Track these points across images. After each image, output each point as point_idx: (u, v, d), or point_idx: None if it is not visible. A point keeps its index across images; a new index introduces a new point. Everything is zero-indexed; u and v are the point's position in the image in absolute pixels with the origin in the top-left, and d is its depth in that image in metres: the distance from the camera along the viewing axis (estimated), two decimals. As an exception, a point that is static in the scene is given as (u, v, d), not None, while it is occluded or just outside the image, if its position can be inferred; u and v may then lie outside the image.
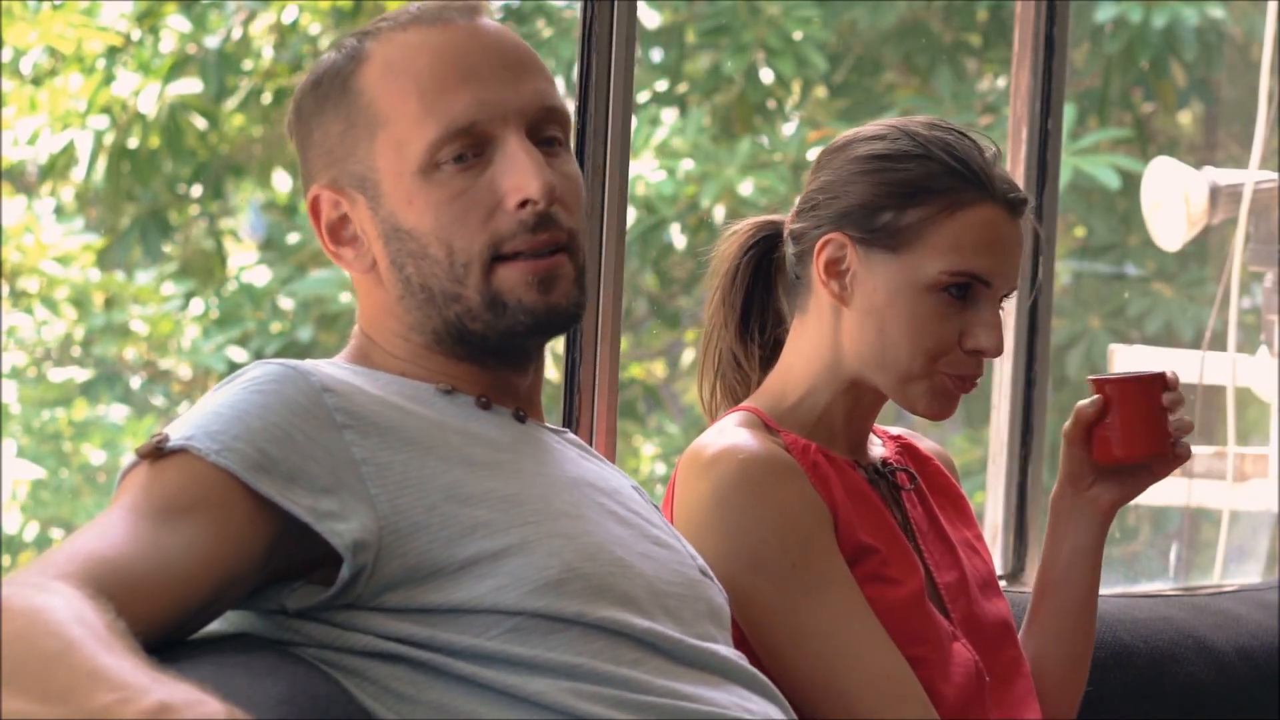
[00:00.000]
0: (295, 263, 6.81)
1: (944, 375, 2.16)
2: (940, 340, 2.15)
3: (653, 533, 1.85)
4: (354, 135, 1.81)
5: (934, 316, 2.14)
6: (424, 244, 1.79)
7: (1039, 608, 2.33)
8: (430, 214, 1.79)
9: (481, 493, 1.73)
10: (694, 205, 6.46)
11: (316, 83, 1.84)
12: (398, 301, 1.82)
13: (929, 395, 2.16)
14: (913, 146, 2.16)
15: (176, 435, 1.67)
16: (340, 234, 1.84)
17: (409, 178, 1.79)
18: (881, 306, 2.15)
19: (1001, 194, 2.16)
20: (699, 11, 6.88)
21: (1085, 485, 2.29)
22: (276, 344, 6.47)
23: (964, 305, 2.15)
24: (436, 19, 1.82)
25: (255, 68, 6.66)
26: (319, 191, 1.83)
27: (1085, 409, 2.26)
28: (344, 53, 1.84)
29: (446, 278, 1.80)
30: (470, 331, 1.81)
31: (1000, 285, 2.17)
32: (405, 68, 1.80)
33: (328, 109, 1.83)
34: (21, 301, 6.36)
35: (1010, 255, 2.17)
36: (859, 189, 2.16)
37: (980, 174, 2.15)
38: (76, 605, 1.45)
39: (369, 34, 1.84)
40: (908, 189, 2.15)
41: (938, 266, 2.14)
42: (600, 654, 1.70)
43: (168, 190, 6.66)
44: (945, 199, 2.14)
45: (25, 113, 6.24)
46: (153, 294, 6.56)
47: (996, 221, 2.16)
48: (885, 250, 2.15)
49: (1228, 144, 7.04)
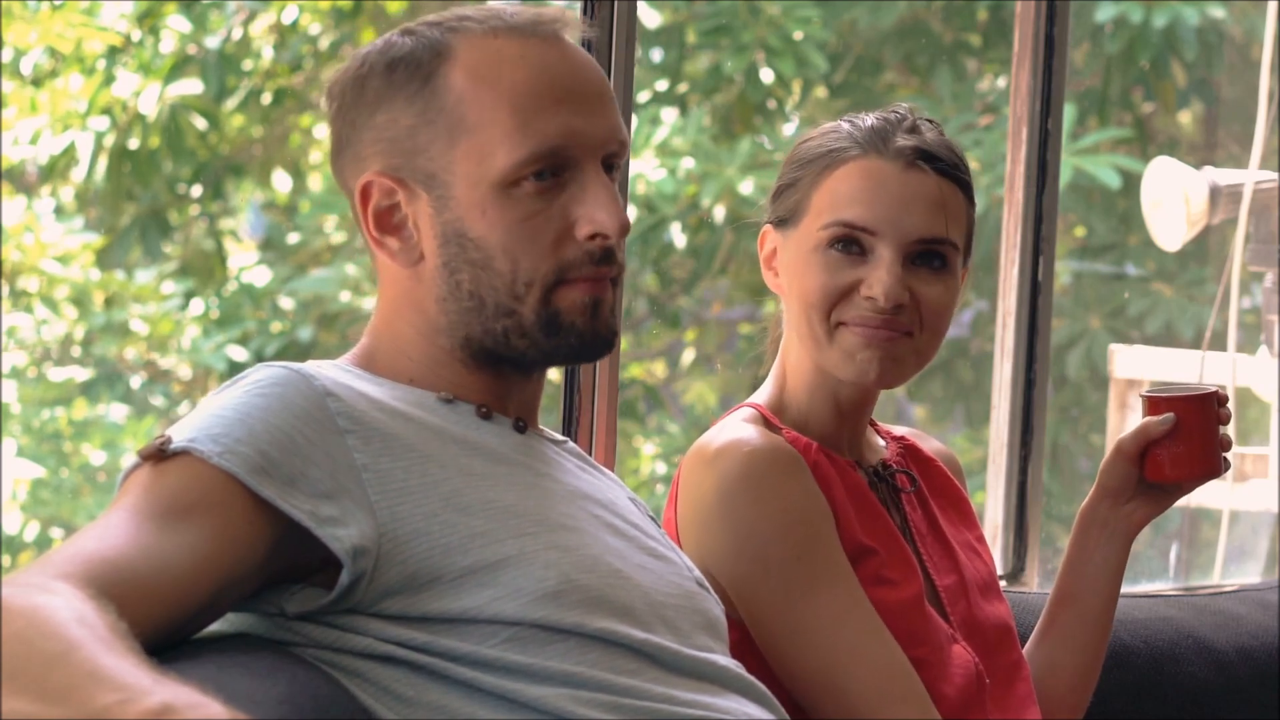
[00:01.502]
0: (295, 263, 6.81)
1: (846, 328, 2.13)
2: (826, 293, 2.12)
3: (649, 544, 1.85)
4: (430, 132, 1.78)
5: (821, 272, 2.13)
6: (488, 255, 1.77)
7: (1056, 617, 2.32)
8: (501, 228, 1.77)
9: (480, 502, 1.73)
10: (694, 205, 6.46)
11: (391, 66, 1.79)
12: (436, 302, 1.80)
13: (840, 353, 2.13)
14: (828, 127, 2.19)
15: (179, 437, 1.67)
16: (387, 222, 1.80)
17: (486, 188, 1.77)
18: (790, 279, 2.16)
19: (891, 147, 2.14)
20: (699, 11, 6.88)
21: (1124, 500, 2.28)
22: (277, 344, 6.47)
23: (859, 259, 2.13)
24: (530, 32, 1.79)
25: (255, 68, 6.66)
26: (373, 178, 1.79)
27: (1156, 427, 2.24)
28: (424, 43, 1.79)
29: (505, 292, 1.78)
30: (511, 346, 1.80)
31: (890, 234, 2.12)
32: (499, 78, 1.77)
33: (399, 97, 1.78)
34: (21, 301, 6.36)
35: (902, 204, 2.12)
36: (779, 176, 2.20)
37: (868, 134, 2.15)
38: (78, 606, 1.45)
39: (452, 29, 1.80)
40: (802, 160, 2.17)
41: (816, 224, 2.14)
42: (598, 663, 1.70)
43: (168, 190, 6.66)
44: (827, 159, 2.15)
45: (25, 113, 6.24)
46: (153, 293, 6.56)
47: (877, 172, 2.14)
48: (791, 226, 2.17)
49: (1228, 144, 7.04)
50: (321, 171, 6.90)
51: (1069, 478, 6.74)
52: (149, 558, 1.59)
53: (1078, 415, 6.99)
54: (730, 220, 6.46)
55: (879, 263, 2.12)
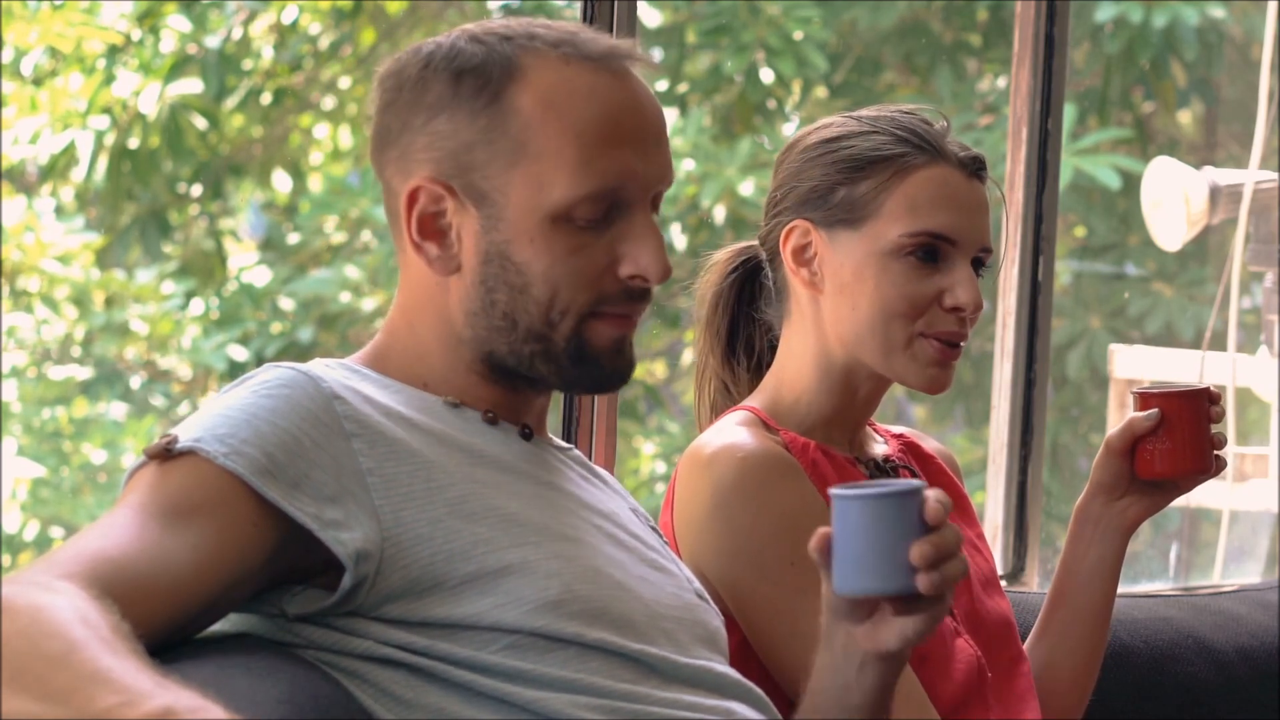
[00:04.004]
0: (295, 263, 6.81)
1: (925, 339, 2.15)
2: (913, 303, 2.14)
3: (650, 556, 1.85)
4: (490, 150, 1.76)
5: (903, 281, 2.14)
6: (529, 281, 1.77)
7: (1053, 615, 2.33)
8: (547, 259, 1.76)
9: (484, 509, 1.73)
10: (694, 205, 6.46)
11: (459, 74, 1.77)
12: (465, 314, 1.79)
13: (915, 363, 2.15)
14: (858, 126, 2.18)
15: (185, 436, 1.67)
16: (429, 227, 1.79)
17: (539, 217, 1.76)
18: (851, 282, 2.16)
19: (953, 155, 2.16)
20: (699, 11, 6.88)
21: (1117, 496, 2.29)
22: (277, 344, 6.47)
23: (934, 267, 2.15)
24: (601, 65, 1.78)
25: (255, 68, 6.66)
26: (424, 183, 1.77)
27: (1141, 423, 2.24)
28: (495, 57, 1.77)
29: (539, 319, 1.77)
30: (534, 369, 1.79)
31: (966, 243, 2.15)
32: (567, 108, 1.76)
33: (463, 107, 1.77)
34: (22, 300, 6.36)
35: (972, 213, 2.16)
36: (812, 173, 2.18)
37: (927, 138, 2.16)
38: (81, 606, 1.45)
39: (524, 48, 1.78)
40: (858, 162, 2.16)
41: (897, 230, 2.14)
42: (598, 671, 1.71)
43: (168, 190, 6.66)
44: (894, 165, 2.15)
45: (26, 113, 6.24)
46: (153, 293, 6.56)
47: (950, 180, 2.16)
48: (846, 227, 2.16)
49: (1228, 144, 7.04)
50: (322, 172, 6.91)
51: (1069, 477, 6.75)
52: (152, 557, 1.59)
53: (1078, 415, 6.99)
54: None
55: (958, 271, 2.14)
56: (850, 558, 1.69)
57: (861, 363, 2.17)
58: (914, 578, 1.68)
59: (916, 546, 1.67)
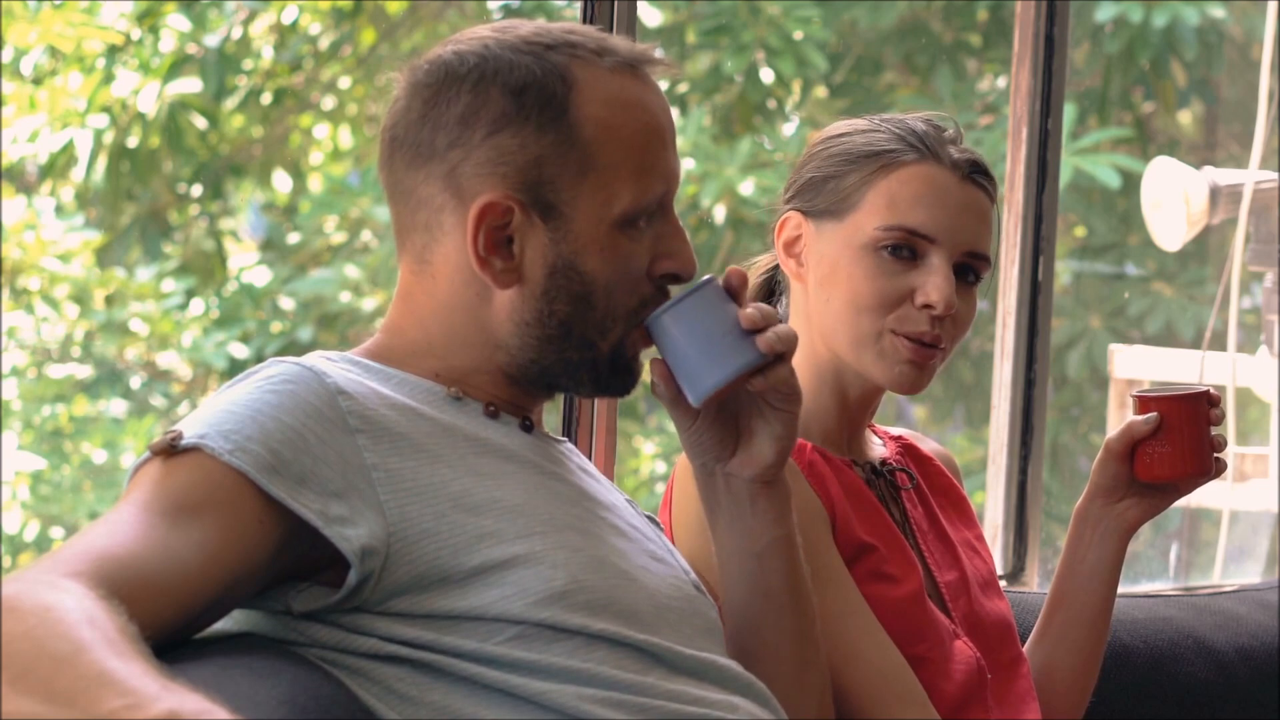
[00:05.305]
0: (295, 263, 6.81)
1: (896, 337, 2.13)
2: (882, 298, 2.13)
3: (649, 547, 1.86)
4: (560, 164, 1.78)
5: (875, 274, 2.13)
6: (590, 289, 1.79)
7: (1053, 617, 2.33)
8: (612, 266, 1.79)
9: (489, 502, 1.73)
10: (695, 205, 6.46)
11: (521, 90, 1.78)
12: (516, 325, 1.80)
13: (884, 360, 2.13)
14: (866, 125, 2.19)
15: (190, 433, 1.67)
16: (493, 241, 1.79)
17: (607, 227, 1.79)
18: (829, 274, 2.15)
19: (948, 157, 2.15)
20: (699, 11, 6.88)
21: (1116, 498, 2.29)
22: (277, 344, 6.47)
23: (910, 264, 2.14)
24: (635, 72, 1.82)
25: (255, 68, 6.66)
26: (496, 199, 1.78)
27: (1140, 426, 2.24)
28: (548, 69, 1.79)
29: (594, 327, 1.80)
30: (571, 375, 1.82)
31: (947, 243, 2.14)
32: (624, 120, 1.79)
33: (530, 124, 1.78)
34: (22, 299, 6.37)
35: (958, 214, 2.14)
36: (810, 167, 2.19)
37: (923, 137, 2.16)
38: (88, 606, 1.45)
39: (569, 56, 1.80)
40: (850, 155, 2.17)
41: (873, 223, 2.14)
42: (604, 661, 1.71)
43: (168, 190, 6.67)
44: (883, 159, 2.15)
45: (25, 112, 6.24)
46: (153, 292, 6.56)
47: (938, 179, 2.15)
48: (831, 218, 2.16)
49: (1228, 144, 7.04)
50: (322, 172, 6.91)
51: (1069, 478, 6.75)
52: (158, 555, 1.60)
53: (1078, 415, 6.99)
54: (730, 220, 6.46)
55: (933, 270, 2.13)
56: (691, 362, 1.80)
57: (845, 365, 2.17)
58: (753, 346, 1.79)
59: (742, 314, 1.80)
